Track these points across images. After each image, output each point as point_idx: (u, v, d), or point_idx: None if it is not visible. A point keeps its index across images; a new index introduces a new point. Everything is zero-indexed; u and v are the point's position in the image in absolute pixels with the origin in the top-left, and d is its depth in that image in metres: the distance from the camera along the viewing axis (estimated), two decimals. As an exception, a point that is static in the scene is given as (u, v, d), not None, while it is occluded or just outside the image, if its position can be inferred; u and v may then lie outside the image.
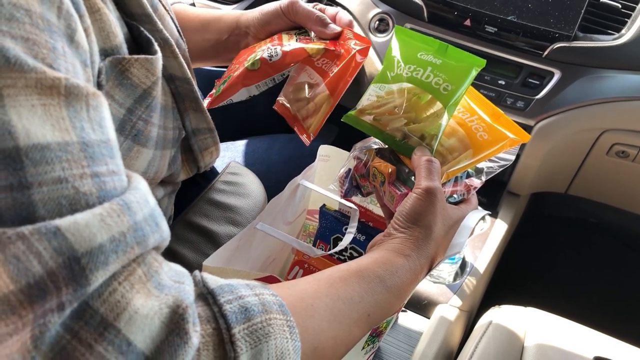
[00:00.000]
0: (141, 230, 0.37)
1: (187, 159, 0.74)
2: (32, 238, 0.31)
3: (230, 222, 0.80)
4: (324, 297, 0.47)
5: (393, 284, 0.53)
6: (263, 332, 0.39)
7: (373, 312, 0.51)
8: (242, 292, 0.41)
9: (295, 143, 1.02)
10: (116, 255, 0.34)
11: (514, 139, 0.65)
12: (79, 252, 0.33)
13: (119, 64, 0.50)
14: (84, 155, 0.35)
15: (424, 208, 0.58)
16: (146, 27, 0.57)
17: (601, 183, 1.29)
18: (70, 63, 0.38)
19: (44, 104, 0.34)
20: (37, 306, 0.31)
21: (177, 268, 0.41)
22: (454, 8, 1.16)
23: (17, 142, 0.32)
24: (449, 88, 0.64)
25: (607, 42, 1.10)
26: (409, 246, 0.57)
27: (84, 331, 0.33)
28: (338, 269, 0.52)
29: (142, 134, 0.57)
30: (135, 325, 0.34)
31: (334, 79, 0.67)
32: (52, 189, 0.33)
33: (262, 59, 0.68)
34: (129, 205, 0.36)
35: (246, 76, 0.69)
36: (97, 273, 0.33)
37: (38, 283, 0.31)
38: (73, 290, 0.32)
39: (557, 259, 1.68)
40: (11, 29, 0.33)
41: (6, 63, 0.32)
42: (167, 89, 0.64)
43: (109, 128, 0.39)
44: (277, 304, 0.42)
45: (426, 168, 0.60)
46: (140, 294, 0.35)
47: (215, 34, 0.82)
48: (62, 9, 0.38)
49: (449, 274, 1.11)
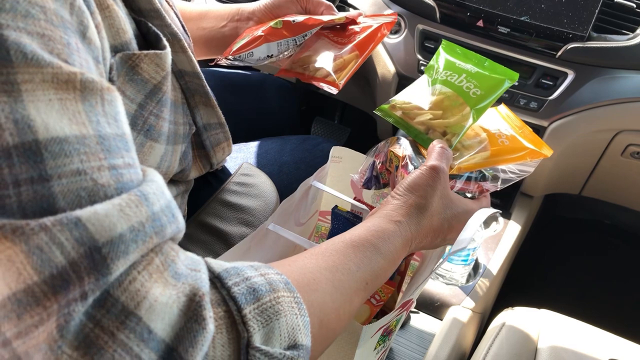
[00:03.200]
0: (159, 220, 0.37)
1: (200, 154, 0.75)
2: (54, 229, 0.32)
3: (243, 223, 0.80)
4: (324, 271, 0.49)
5: (386, 250, 0.55)
6: (273, 311, 0.40)
7: (370, 280, 0.53)
8: (248, 273, 0.42)
9: (307, 145, 1.02)
10: (136, 244, 0.35)
11: (534, 151, 0.68)
12: (100, 241, 0.33)
13: (129, 59, 0.51)
14: (100, 148, 0.36)
15: (424, 181, 0.60)
16: (154, 22, 0.57)
17: (615, 184, 1.28)
18: (83, 59, 0.38)
19: (61, 98, 0.35)
20: (61, 296, 0.32)
21: (193, 256, 0.41)
22: (467, 9, 1.15)
23: (36, 135, 0.33)
24: (478, 93, 0.69)
25: (621, 42, 1.09)
26: (400, 212, 0.58)
27: (106, 319, 0.33)
28: (333, 241, 0.53)
29: (153, 129, 0.58)
30: (155, 314, 0.35)
31: (361, 43, 0.73)
32: (72, 181, 0.34)
33: (285, 21, 0.74)
34: (147, 196, 0.37)
35: (270, 32, 0.73)
36: (118, 262, 0.34)
37: (61, 273, 0.32)
38: (95, 280, 0.33)
39: (570, 260, 1.66)
40: (27, 25, 0.34)
41: (24, 59, 0.33)
42: (176, 85, 0.65)
43: (123, 122, 0.40)
44: (283, 282, 0.43)
45: (438, 151, 0.63)
46: (159, 283, 0.36)
47: (212, 22, 0.83)
48: (74, 6, 0.38)
49: (461, 276, 1.11)
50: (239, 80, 1.17)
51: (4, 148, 0.32)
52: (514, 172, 0.70)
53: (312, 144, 1.02)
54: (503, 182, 0.70)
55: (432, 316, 1.06)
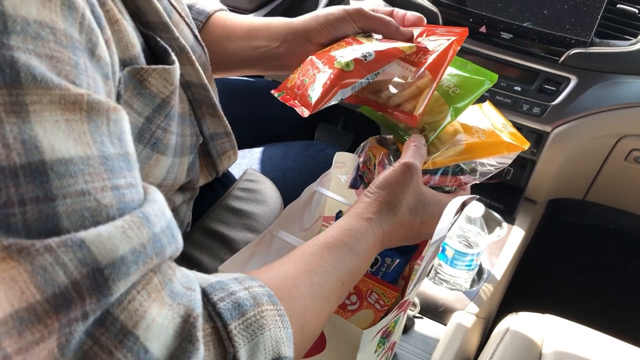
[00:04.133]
0: (159, 241, 0.38)
1: (206, 163, 0.75)
2: (59, 250, 0.33)
3: (247, 229, 0.81)
4: (302, 275, 0.50)
5: (360, 248, 0.56)
6: (258, 325, 0.41)
7: (346, 279, 0.54)
8: (233, 287, 0.43)
9: (311, 150, 1.02)
10: (137, 266, 0.36)
11: (511, 144, 0.68)
12: (102, 263, 0.34)
13: (137, 73, 0.51)
14: (104, 168, 0.37)
15: (396, 178, 0.60)
16: (163, 35, 0.57)
17: (619, 189, 1.28)
18: (91, 78, 0.39)
19: (67, 119, 0.35)
20: (62, 315, 0.33)
21: (188, 273, 0.42)
22: (470, 15, 1.16)
23: (43, 156, 0.34)
24: (457, 92, 0.68)
25: (624, 47, 1.10)
26: (371, 210, 0.59)
27: (105, 337, 0.34)
28: (309, 244, 0.54)
29: (160, 142, 0.58)
30: (152, 334, 0.36)
31: (433, 64, 0.67)
32: (76, 201, 0.35)
33: (356, 59, 0.65)
34: (148, 217, 0.38)
35: (342, 77, 0.66)
36: (119, 283, 0.35)
37: (63, 293, 0.33)
38: (97, 300, 0.34)
39: (575, 265, 1.66)
40: (37, 47, 0.35)
41: (33, 80, 0.34)
42: (184, 96, 0.65)
43: (128, 141, 0.40)
44: (267, 295, 0.44)
45: (411, 149, 0.63)
46: (156, 302, 0.37)
47: (265, 41, 0.77)
48: (83, 25, 0.39)
49: (465, 281, 1.11)
50: (243, 87, 1.17)
51: (11, 168, 0.33)
52: (492, 165, 0.71)
53: (316, 149, 1.02)
54: (481, 174, 0.71)
55: (436, 321, 1.06)
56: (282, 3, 1.28)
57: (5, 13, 0.33)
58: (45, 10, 0.35)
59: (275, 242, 0.73)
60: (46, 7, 0.36)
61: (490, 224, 1.28)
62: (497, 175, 1.29)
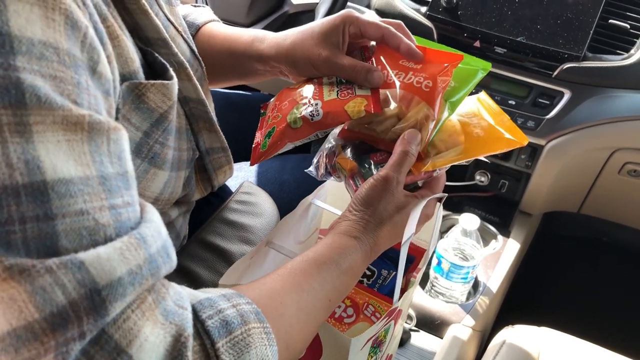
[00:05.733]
0: (155, 262, 0.39)
1: (202, 178, 0.75)
2: (59, 272, 0.34)
3: (244, 241, 0.81)
4: (290, 293, 0.50)
5: (347, 266, 0.56)
6: (244, 343, 0.42)
7: (333, 296, 0.55)
8: (221, 305, 0.43)
9: (308, 163, 1.02)
10: (133, 287, 0.37)
11: (510, 140, 0.65)
12: (100, 284, 0.35)
13: (135, 88, 0.51)
14: (102, 188, 0.38)
15: (377, 194, 0.60)
16: (161, 51, 0.58)
17: (613, 202, 1.28)
18: (92, 96, 0.40)
19: (68, 139, 0.36)
20: (59, 334, 0.34)
21: (180, 291, 0.43)
22: (464, 30, 1.17)
23: (44, 176, 0.34)
24: (452, 84, 0.66)
25: (616, 62, 1.11)
26: (357, 228, 0.59)
27: (99, 356, 0.35)
28: (297, 261, 0.55)
29: (158, 156, 0.58)
30: (145, 353, 0.37)
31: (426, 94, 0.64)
32: (75, 220, 0.35)
33: (304, 117, 0.64)
34: (145, 239, 0.39)
35: (288, 134, 0.65)
36: (116, 304, 0.36)
37: (61, 313, 0.34)
38: (94, 320, 0.35)
39: (570, 278, 1.66)
40: (41, 67, 0.35)
41: (37, 101, 0.34)
42: (181, 111, 0.65)
43: (127, 160, 0.41)
44: (254, 313, 0.45)
45: (397, 158, 0.61)
46: (150, 321, 0.38)
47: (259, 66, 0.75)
48: (85, 43, 0.39)
49: (461, 294, 1.11)
50: (239, 100, 1.18)
51: (13, 187, 0.33)
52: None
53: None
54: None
55: (432, 334, 1.06)
56: (278, 17, 1.29)
57: (11, 34, 0.34)
58: (50, 30, 0.36)
59: (271, 254, 0.73)
60: (50, 27, 0.36)
61: (485, 236, 1.29)
62: (492, 189, 1.30)
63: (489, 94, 0.73)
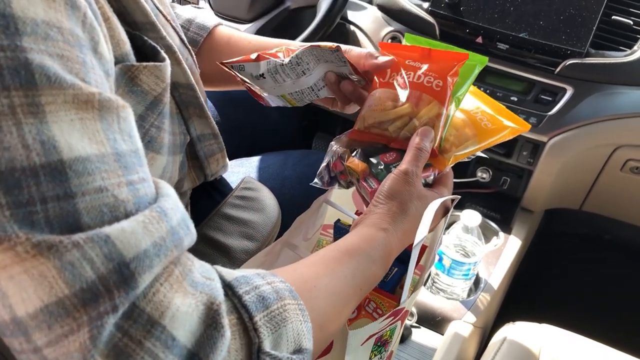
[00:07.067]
0: (177, 234, 0.40)
1: (194, 165, 0.75)
2: (86, 246, 0.34)
3: (245, 237, 0.81)
4: (323, 278, 0.51)
5: (377, 256, 0.57)
6: (281, 318, 0.43)
7: (363, 285, 0.56)
8: (257, 281, 0.44)
9: (309, 159, 1.03)
10: (159, 258, 0.37)
11: (514, 128, 0.69)
12: (127, 257, 0.35)
13: (128, 70, 0.51)
14: (118, 165, 0.38)
15: (400, 187, 0.62)
16: (150, 35, 0.57)
17: (615, 199, 1.28)
18: (98, 75, 0.40)
19: (81, 118, 0.36)
20: (90, 309, 0.34)
21: (206, 265, 0.44)
22: (466, 26, 1.17)
23: (61, 155, 0.35)
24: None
25: (619, 58, 1.11)
26: (387, 220, 0.60)
27: (133, 329, 0.36)
28: (330, 249, 0.56)
29: (155, 140, 0.58)
30: (178, 322, 0.37)
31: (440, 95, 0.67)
32: (94, 197, 0.36)
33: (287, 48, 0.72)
34: (166, 211, 0.39)
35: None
36: (145, 276, 0.36)
37: (90, 287, 0.34)
38: (125, 293, 0.35)
39: (571, 275, 1.66)
40: (48, 47, 0.35)
41: (47, 81, 0.35)
42: (170, 97, 0.65)
43: (136, 137, 0.42)
44: (288, 290, 0.45)
45: (413, 154, 0.64)
46: (179, 292, 0.38)
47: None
48: (85, 23, 0.40)
49: (462, 290, 1.11)
50: (241, 96, 1.18)
51: (31, 167, 0.34)
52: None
53: (314, 159, 1.02)
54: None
55: (433, 331, 1.06)
56: (279, 14, 1.28)
57: (15, 15, 0.34)
58: (51, 11, 0.36)
59: (284, 253, 0.73)
60: (51, 7, 0.36)
61: (487, 233, 1.29)
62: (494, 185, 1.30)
63: (492, 91, 0.74)
